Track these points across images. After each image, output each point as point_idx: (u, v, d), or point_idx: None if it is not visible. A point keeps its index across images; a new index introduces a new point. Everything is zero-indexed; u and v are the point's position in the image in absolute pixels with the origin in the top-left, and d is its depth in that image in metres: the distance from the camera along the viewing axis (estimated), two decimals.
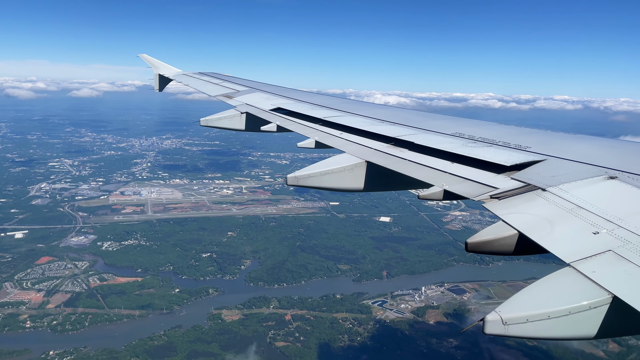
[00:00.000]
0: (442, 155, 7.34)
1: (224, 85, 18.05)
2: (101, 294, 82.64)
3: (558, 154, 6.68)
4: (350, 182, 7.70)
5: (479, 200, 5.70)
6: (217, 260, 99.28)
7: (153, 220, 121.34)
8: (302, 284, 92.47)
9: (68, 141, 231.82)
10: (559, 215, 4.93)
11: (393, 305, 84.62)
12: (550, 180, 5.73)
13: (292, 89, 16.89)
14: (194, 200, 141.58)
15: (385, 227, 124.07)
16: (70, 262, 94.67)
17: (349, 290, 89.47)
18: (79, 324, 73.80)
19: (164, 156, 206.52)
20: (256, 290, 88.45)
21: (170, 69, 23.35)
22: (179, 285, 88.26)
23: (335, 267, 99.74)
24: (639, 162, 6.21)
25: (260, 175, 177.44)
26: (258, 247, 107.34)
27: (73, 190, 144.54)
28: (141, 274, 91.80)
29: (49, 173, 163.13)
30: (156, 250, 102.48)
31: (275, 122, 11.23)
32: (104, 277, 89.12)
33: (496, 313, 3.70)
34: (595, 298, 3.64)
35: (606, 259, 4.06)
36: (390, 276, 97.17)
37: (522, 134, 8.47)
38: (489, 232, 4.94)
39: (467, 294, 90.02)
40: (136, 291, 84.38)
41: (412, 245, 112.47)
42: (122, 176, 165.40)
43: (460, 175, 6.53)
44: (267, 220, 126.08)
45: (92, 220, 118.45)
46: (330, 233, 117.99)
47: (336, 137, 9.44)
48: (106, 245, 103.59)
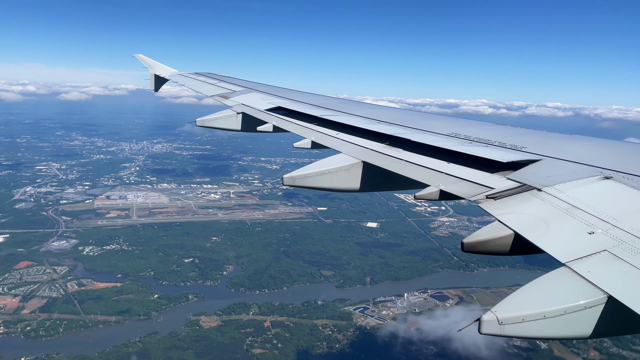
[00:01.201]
0: (438, 155, 7.35)
1: (220, 85, 18.04)
2: (78, 300, 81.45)
3: (554, 154, 6.70)
4: (347, 182, 7.73)
5: (475, 200, 5.70)
6: (199, 266, 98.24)
7: (137, 224, 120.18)
8: (284, 289, 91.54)
9: (57, 145, 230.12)
10: (555, 215, 4.96)
11: (374, 312, 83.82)
12: (546, 180, 5.76)
13: (288, 89, 16.84)
14: (181, 205, 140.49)
15: (372, 233, 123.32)
16: (50, 266, 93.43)
17: (331, 297, 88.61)
18: (53, 330, 72.60)
19: (154, 160, 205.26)
20: (237, 296, 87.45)
21: (166, 69, 23.32)
22: (159, 290, 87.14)
23: (319, 272, 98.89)
24: (634, 163, 6.25)
25: (249, 180, 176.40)
26: (242, 253, 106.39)
27: (58, 194, 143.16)
28: (121, 279, 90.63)
29: (35, 177, 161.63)
30: (138, 255, 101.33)
31: (272, 122, 11.22)
32: (82, 283, 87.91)
33: (492, 313, 3.68)
34: (590, 298, 3.66)
35: (601, 259, 4.08)
36: (373, 282, 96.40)
37: (517, 134, 8.46)
38: (485, 232, 4.93)
39: (450, 300, 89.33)
40: (114, 297, 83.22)
41: (397, 251, 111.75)
42: (110, 180, 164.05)
43: (456, 175, 6.54)
44: (252, 225, 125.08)
45: (75, 225, 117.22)
46: (316, 238, 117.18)
47: (332, 138, 9.41)
48: (87, 250, 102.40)
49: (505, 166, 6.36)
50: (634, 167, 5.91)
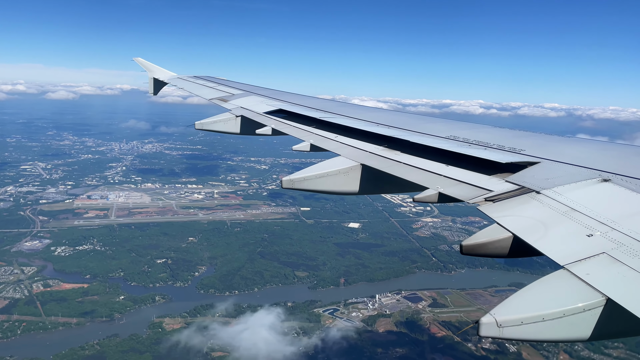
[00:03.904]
0: (437, 157, 7.33)
1: (218, 88, 18.06)
2: (41, 301, 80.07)
3: (552, 157, 6.68)
4: (346, 185, 7.74)
5: (473, 202, 5.68)
6: (171, 267, 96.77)
7: (114, 225, 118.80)
8: (255, 291, 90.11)
9: (47, 144, 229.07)
10: (553, 217, 4.93)
11: (344, 314, 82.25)
12: (545, 182, 5.75)
13: (287, 92, 16.81)
14: (162, 205, 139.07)
15: (353, 234, 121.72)
16: (18, 267, 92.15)
17: (302, 298, 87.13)
18: (11, 331, 71.27)
19: (142, 160, 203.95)
20: (206, 297, 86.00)
21: (165, 73, 23.46)
22: (126, 292, 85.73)
23: (293, 274, 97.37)
24: (633, 165, 6.21)
25: (236, 180, 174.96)
26: (217, 253, 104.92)
27: (39, 193, 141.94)
28: (89, 280, 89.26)
29: (18, 176, 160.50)
30: (110, 256, 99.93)
31: (270, 125, 11.24)
32: (48, 284, 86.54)
33: (491, 315, 3.65)
34: (589, 300, 3.65)
35: (600, 262, 4.05)
36: (347, 283, 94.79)
37: (516, 137, 8.43)
38: (483, 235, 4.89)
39: (423, 301, 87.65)
40: (78, 298, 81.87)
41: (376, 251, 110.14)
42: (94, 180, 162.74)
43: (455, 177, 6.53)
44: (232, 225, 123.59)
45: (51, 225, 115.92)
46: (295, 239, 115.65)
47: (331, 140, 9.40)
48: (59, 250, 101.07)
49: (504, 168, 6.39)
50: (633, 170, 5.87)
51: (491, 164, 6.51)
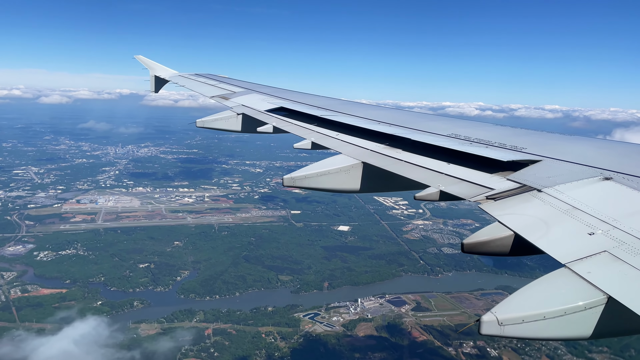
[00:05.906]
0: (438, 156, 7.31)
1: (220, 86, 18.06)
2: (17, 307, 79.12)
3: (554, 155, 6.65)
4: (347, 183, 7.71)
5: (475, 201, 5.67)
6: (153, 271, 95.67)
7: (100, 229, 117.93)
8: (236, 295, 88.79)
9: (42, 149, 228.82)
10: (555, 216, 4.90)
11: (325, 318, 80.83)
12: (546, 181, 5.73)
13: (288, 90, 16.79)
14: (151, 209, 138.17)
15: (341, 237, 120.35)
16: None
17: (284, 302, 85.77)
18: None
19: (136, 164, 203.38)
20: (185, 302, 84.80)
21: (166, 70, 23.53)
22: (105, 297, 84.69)
23: (277, 278, 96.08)
24: (634, 163, 6.20)
25: (228, 183, 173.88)
26: (201, 258, 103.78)
27: (28, 198, 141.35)
28: (68, 285, 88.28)
29: (9, 181, 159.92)
30: (92, 261, 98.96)
31: (272, 123, 11.24)
32: (27, 289, 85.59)
33: (492, 314, 3.64)
34: (590, 299, 3.64)
35: (601, 260, 4.05)
36: (331, 287, 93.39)
37: (517, 135, 8.38)
38: (485, 233, 4.86)
39: (407, 305, 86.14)
40: (55, 303, 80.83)
41: (363, 255, 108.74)
42: (85, 184, 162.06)
43: (456, 176, 6.51)
44: (220, 229, 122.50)
45: (37, 229, 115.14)
46: (282, 242, 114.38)
47: (332, 138, 9.38)
48: (42, 255, 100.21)
49: (506, 167, 6.34)
50: (634, 168, 5.86)
51: (492, 162, 6.46)
